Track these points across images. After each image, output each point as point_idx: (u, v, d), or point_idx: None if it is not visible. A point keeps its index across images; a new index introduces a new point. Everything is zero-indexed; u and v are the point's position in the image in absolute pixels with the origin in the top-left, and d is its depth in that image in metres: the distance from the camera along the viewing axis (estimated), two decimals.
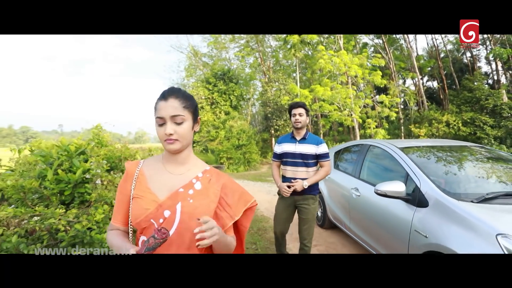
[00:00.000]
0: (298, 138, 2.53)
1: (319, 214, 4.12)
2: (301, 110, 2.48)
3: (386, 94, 14.56)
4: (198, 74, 23.78)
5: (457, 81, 17.99)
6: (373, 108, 15.02)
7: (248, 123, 19.34)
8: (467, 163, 2.55)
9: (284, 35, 15.64)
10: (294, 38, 14.57)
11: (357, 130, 14.26)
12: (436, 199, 1.98)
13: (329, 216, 3.82)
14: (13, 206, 2.68)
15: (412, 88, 18.99)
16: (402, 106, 17.96)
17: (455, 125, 13.39)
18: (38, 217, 2.27)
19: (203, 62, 24.12)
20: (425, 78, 22.71)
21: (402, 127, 15.88)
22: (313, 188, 2.51)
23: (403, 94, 16.97)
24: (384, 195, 2.21)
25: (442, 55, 19.84)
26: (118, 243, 0.92)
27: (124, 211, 0.99)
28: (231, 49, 23.65)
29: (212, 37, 22.39)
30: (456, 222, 1.77)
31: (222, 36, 21.92)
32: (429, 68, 20.17)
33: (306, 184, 2.41)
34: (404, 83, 19.54)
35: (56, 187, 2.88)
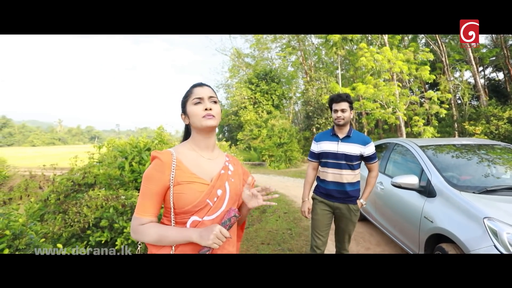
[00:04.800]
0: (340, 136, 2.19)
1: None
2: (344, 105, 2.13)
3: (437, 90, 13.63)
4: (241, 75, 24.81)
5: None
6: (421, 104, 14.20)
7: (290, 121, 19.65)
8: (480, 160, 2.70)
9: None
10: (336, 36, 14.41)
11: (403, 128, 13.62)
12: (443, 190, 2.26)
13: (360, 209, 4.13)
14: (103, 188, 3.57)
15: (472, 81, 17.27)
16: (458, 102, 16.50)
17: None
18: (124, 197, 3.07)
19: (245, 62, 25.08)
20: (488, 70, 20.45)
21: (456, 124, 14.69)
22: (354, 196, 2.24)
23: (459, 88, 15.59)
24: (399, 187, 2.54)
25: (510, 42, 17.63)
26: (183, 233, 0.94)
27: (158, 202, 0.98)
28: (272, 49, 24.20)
29: (254, 38, 23.14)
30: (455, 209, 2.05)
31: (264, 36, 22.52)
32: (493, 58, 18.11)
33: (364, 202, 2.25)
34: (461, 76, 17.86)
35: (131, 176, 3.75)
